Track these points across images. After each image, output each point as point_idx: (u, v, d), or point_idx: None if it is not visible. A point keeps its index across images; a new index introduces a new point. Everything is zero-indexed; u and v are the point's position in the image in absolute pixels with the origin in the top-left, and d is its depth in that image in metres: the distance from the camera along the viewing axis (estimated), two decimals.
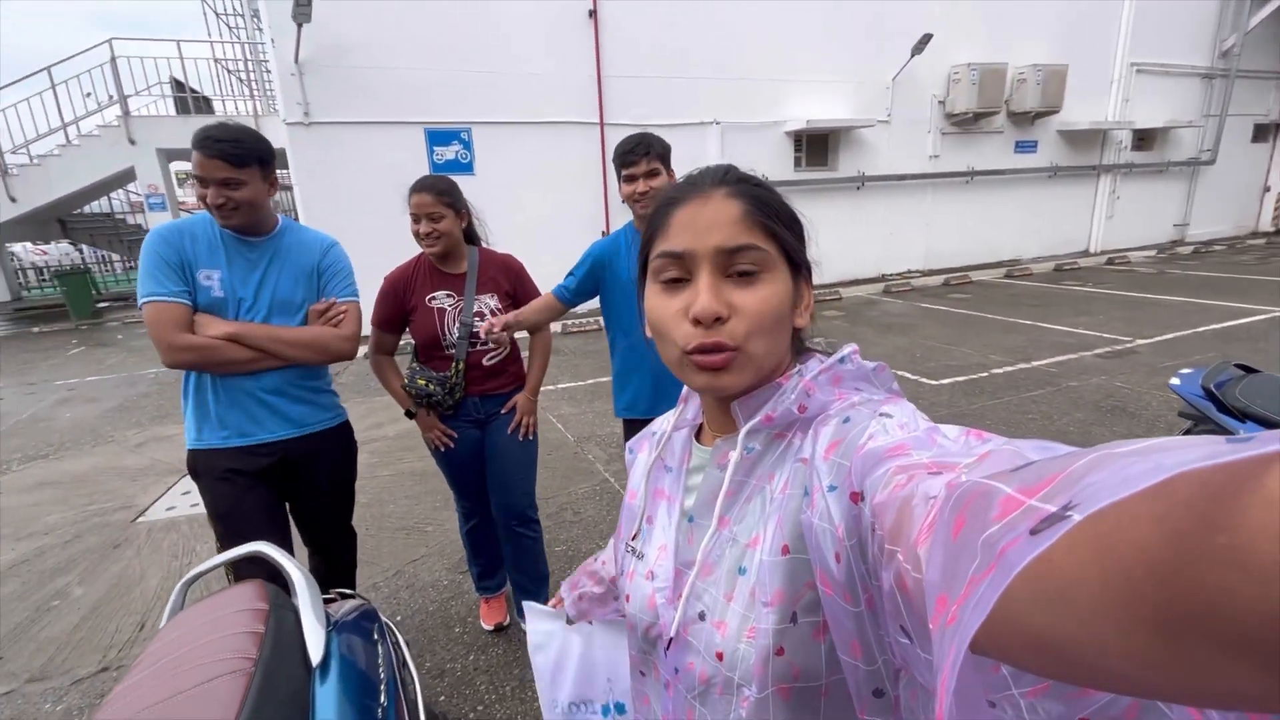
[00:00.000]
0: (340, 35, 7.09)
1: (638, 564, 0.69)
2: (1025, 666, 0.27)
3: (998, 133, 10.80)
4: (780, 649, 0.52)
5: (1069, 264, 11.13)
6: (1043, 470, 0.28)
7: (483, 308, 2.01)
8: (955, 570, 0.29)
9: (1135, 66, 11.43)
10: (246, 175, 1.58)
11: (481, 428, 2.11)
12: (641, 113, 8.35)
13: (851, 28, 9.36)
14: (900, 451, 0.43)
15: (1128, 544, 0.21)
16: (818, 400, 0.56)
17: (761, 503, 0.57)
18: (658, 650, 0.64)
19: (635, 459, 0.78)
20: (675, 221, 0.58)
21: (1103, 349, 5.73)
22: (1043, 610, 0.24)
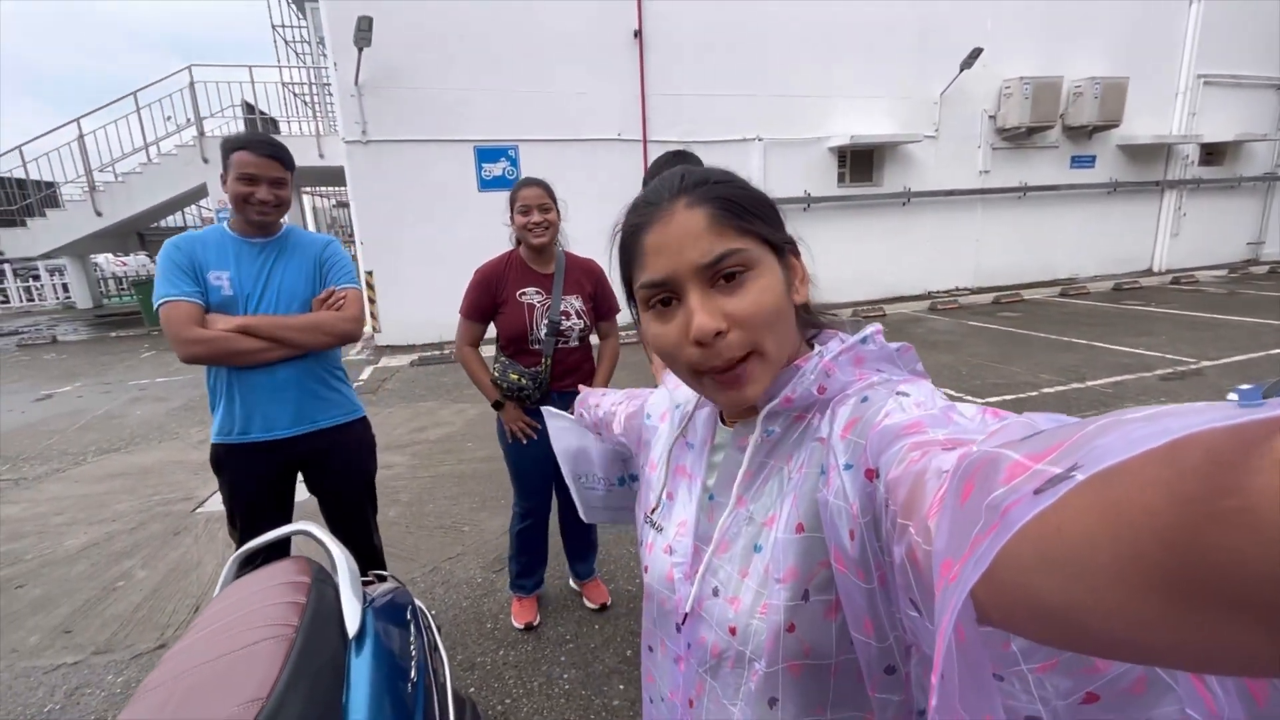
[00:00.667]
0: (396, 58, 7.45)
1: (657, 537, 0.70)
2: (1032, 634, 0.27)
3: (1053, 147, 10.47)
4: (791, 625, 0.53)
5: (1130, 283, 10.64)
6: (1051, 437, 0.28)
7: (569, 307, 2.10)
8: (960, 534, 0.29)
9: (1202, 78, 10.93)
10: (289, 178, 1.73)
11: None
12: (684, 129, 8.46)
13: (898, 44, 9.28)
14: (916, 429, 0.43)
15: (1136, 509, 0.21)
16: (838, 380, 0.56)
17: (779, 482, 0.57)
18: (670, 624, 0.66)
19: (656, 428, 0.79)
20: (647, 247, 0.57)
21: (1165, 370, 5.45)
22: (1050, 576, 0.24)
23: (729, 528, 0.60)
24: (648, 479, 0.76)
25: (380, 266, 7.90)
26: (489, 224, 7.91)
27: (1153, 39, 10.54)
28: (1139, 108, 10.44)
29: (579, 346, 2.15)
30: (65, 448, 4.75)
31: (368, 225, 7.81)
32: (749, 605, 0.56)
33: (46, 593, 2.74)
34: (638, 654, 2.19)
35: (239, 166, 1.66)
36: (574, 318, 2.10)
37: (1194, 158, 11.38)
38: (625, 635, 2.30)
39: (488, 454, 4.10)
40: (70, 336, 10.32)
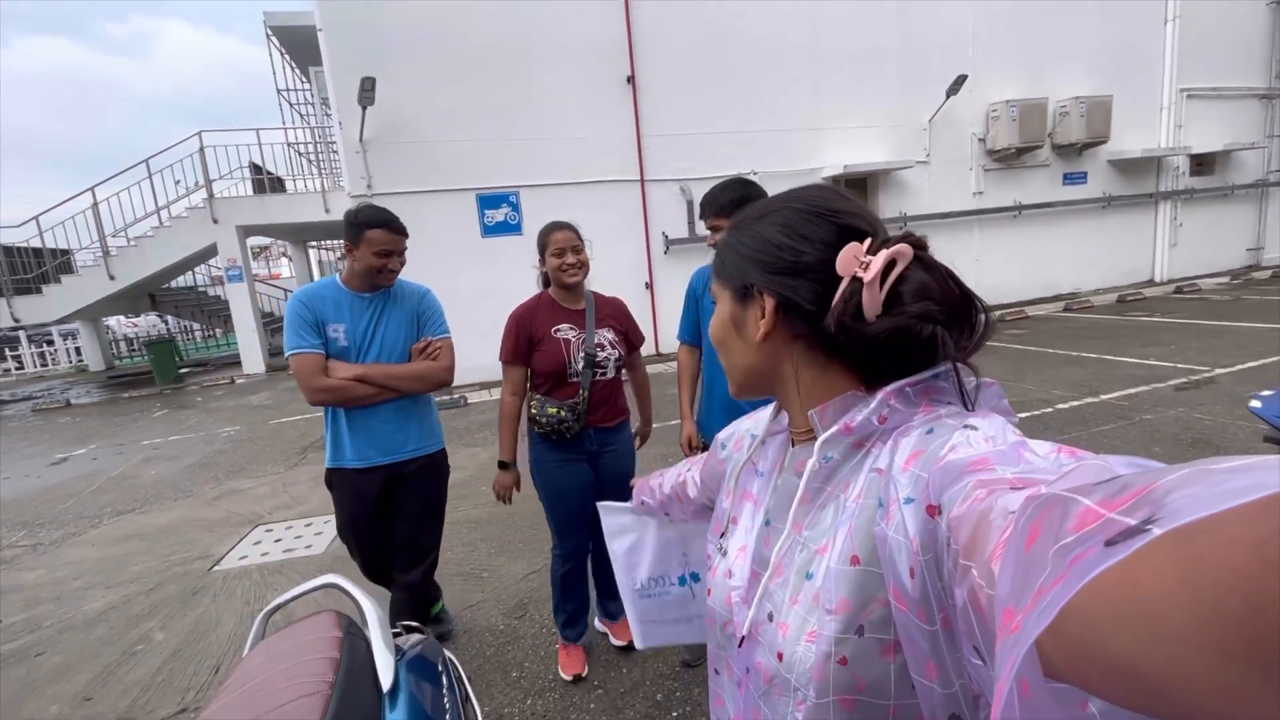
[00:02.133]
0: (398, 113, 7.70)
1: (720, 561, 0.71)
2: (1105, 695, 0.25)
3: (1044, 166, 10.63)
4: (844, 659, 0.51)
5: (1133, 294, 10.65)
6: (1128, 484, 0.26)
7: (603, 340, 2.17)
8: (1025, 582, 0.28)
9: (1185, 92, 11.14)
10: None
11: (593, 461, 2.21)
12: (681, 168, 8.64)
13: (884, 74, 9.53)
14: (983, 466, 0.41)
15: (1222, 568, 0.20)
16: (899, 412, 0.54)
17: (835, 510, 0.57)
18: (732, 648, 0.66)
19: (730, 456, 0.81)
20: None
21: (1178, 380, 5.41)
22: (1124, 634, 0.23)
23: (785, 553, 0.60)
24: (720, 507, 0.77)
25: None
26: (492, 268, 8.10)
27: (1133, 57, 10.79)
28: (1126, 123, 10.62)
29: (612, 379, 2.21)
30: (81, 511, 4.75)
31: None
32: (795, 631, 0.56)
33: (66, 659, 2.70)
34: (668, 699, 2.14)
35: (376, 243, 2.05)
36: (609, 349, 2.17)
37: (1185, 169, 11.51)
38: (654, 679, 2.25)
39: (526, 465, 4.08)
40: (84, 399, 10.42)
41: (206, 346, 16.19)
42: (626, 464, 2.27)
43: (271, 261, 26.16)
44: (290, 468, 5.37)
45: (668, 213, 8.79)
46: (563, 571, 2.28)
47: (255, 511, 4.35)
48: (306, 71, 13.80)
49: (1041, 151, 10.45)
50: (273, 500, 4.55)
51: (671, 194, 8.74)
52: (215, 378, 11.00)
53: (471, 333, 5.98)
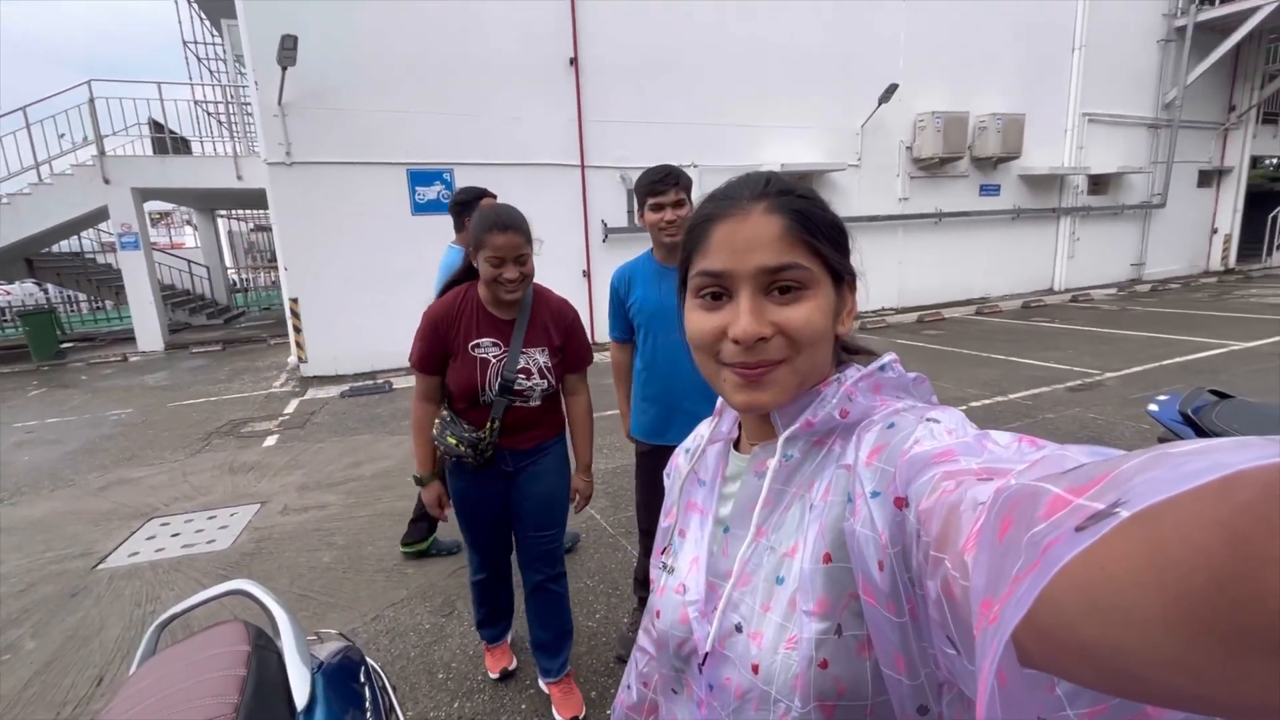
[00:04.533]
0: (323, 77, 7.20)
1: (668, 579, 0.67)
2: (1078, 679, 0.26)
3: (963, 176, 11.26)
4: (824, 661, 0.50)
5: (1036, 301, 11.50)
6: (1093, 470, 0.27)
7: (529, 363, 1.82)
8: (1000, 572, 0.28)
9: (1087, 116, 12.09)
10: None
11: (509, 480, 1.95)
12: (621, 155, 8.56)
13: (822, 77, 9.78)
14: (948, 457, 0.42)
15: (1186, 547, 0.20)
16: (859, 405, 0.55)
17: (800, 510, 0.56)
18: (691, 667, 0.62)
19: (671, 481, 0.76)
20: (714, 239, 0.57)
21: (1074, 382, 5.88)
22: (1094, 619, 0.23)
23: (749, 559, 0.58)
24: (664, 527, 0.74)
25: (306, 293, 7.51)
26: (423, 248, 7.73)
27: (1044, 80, 11.59)
28: (1036, 141, 11.40)
29: (536, 406, 1.88)
30: None
31: (292, 250, 7.42)
32: (772, 639, 0.53)
33: None
34: (602, 696, 2.10)
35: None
36: (535, 376, 1.81)
37: (1083, 187, 12.51)
38: (588, 675, 2.21)
39: None
40: None
41: (94, 319, 14.66)
42: (552, 483, 1.96)
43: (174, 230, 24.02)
44: (192, 454, 4.94)
45: (608, 200, 8.69)
46: (477, 579, 2.13)
47: (149, 503, 3.97)
48: (218, 24, 12.65)
49: (962, 163, 11.06)
50: (170, 490, 4.17)
51: (612, 181, 8.65)
52: (104, 354, 9.98)
53: (399, 314, 5.69)
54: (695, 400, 2.02)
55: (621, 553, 3.08)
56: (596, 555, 3.07)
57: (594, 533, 3.29)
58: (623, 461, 4.18)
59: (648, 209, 2.00)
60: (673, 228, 1.99)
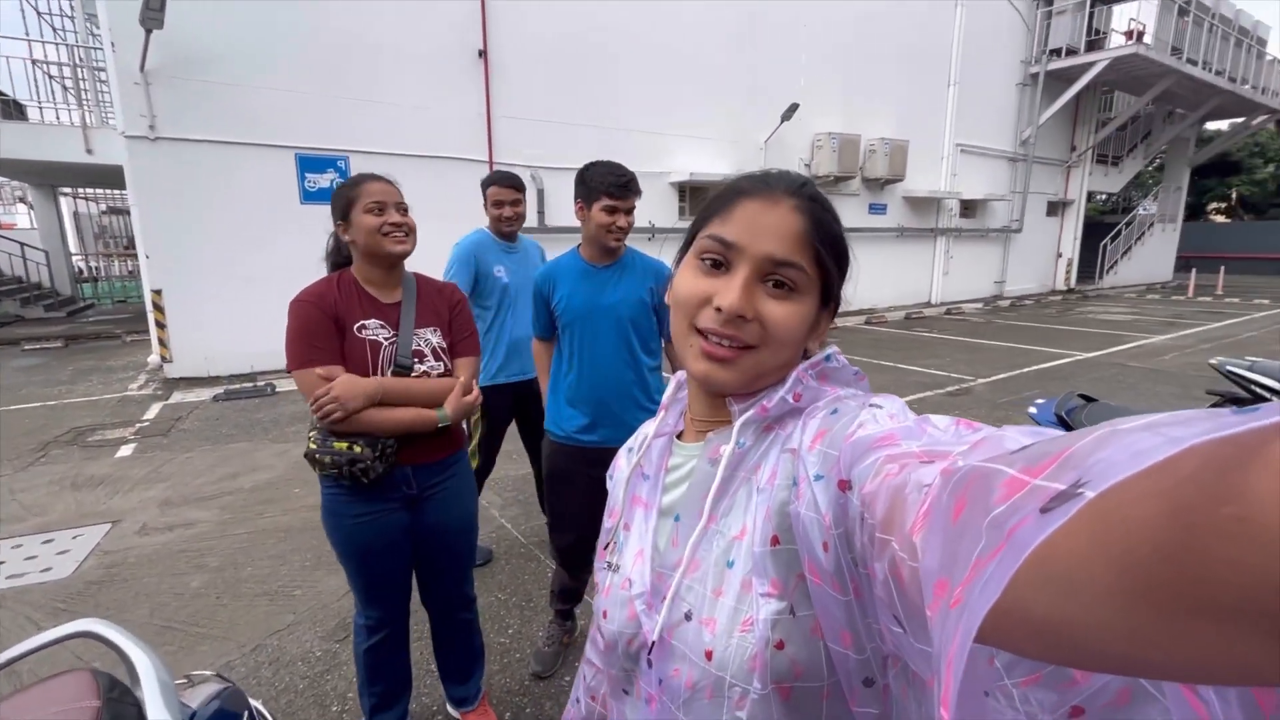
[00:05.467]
0: (199, 45, 6.47)
1: (613, 577, 0.66)
2: (1026, 652, 0.26)
3: (855, 195, 12.05)
4: (780, 643, 0.51)
5: (917, 313, 12.52)
6: (1045, 450, 0.27)
7: (423, 344, 1.61)
8: (956, 553, 0.28)
9: (959, 146, 13.37)
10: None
11: (412, 506, 1.65)
12: (531, 154, 8.38)
13: (729, 92, 10.12)
14: (889, 441, 0.43)
15: (1132, 521, 0.21)
16: (811, 389, 0.58)
17: (747, 494, 0.57)
18: (640, 664, 0.61)
19: (613, 484, 0.75)
20: (738, 212, 0.58)
21: (952, 387, 6.43)
22: (1045, 592, 0.23)
23: (699, 545, 0.58)
24: (605, 528, 0.73)
25: (172, 285, 6.70)
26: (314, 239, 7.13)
27: (924, 110, 12.68)
28: (918, 166, 12.43)
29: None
30: None
31: (155, 237, 6.60)
32: (727, 624, 0.53)
33: None
34: (517, 716, 1.99)
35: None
36: (429, 359, 1.60)
37: (956, 210, 13.81)
38: (500, 695, 2.09)
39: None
40: None
41: None
42: (463, 506, 1.74)
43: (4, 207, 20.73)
44: (22, 468, 4.24)
45: None
46: (369, 644, 1.70)
47: None
48: None
49: (854, 182, 11.84)
50: None
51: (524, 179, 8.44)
52: None
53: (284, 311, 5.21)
54: (623, 404, 1.97)
55: (535, 563, 2.96)
56: (508, 567, 2.93)
57: (505, 543, 3.15)
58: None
59: (599, 208, 1.92)
60: (620, 233, 1.95)
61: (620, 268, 2.04)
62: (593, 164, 1.98)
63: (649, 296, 2.06)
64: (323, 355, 1.49)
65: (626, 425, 2.00)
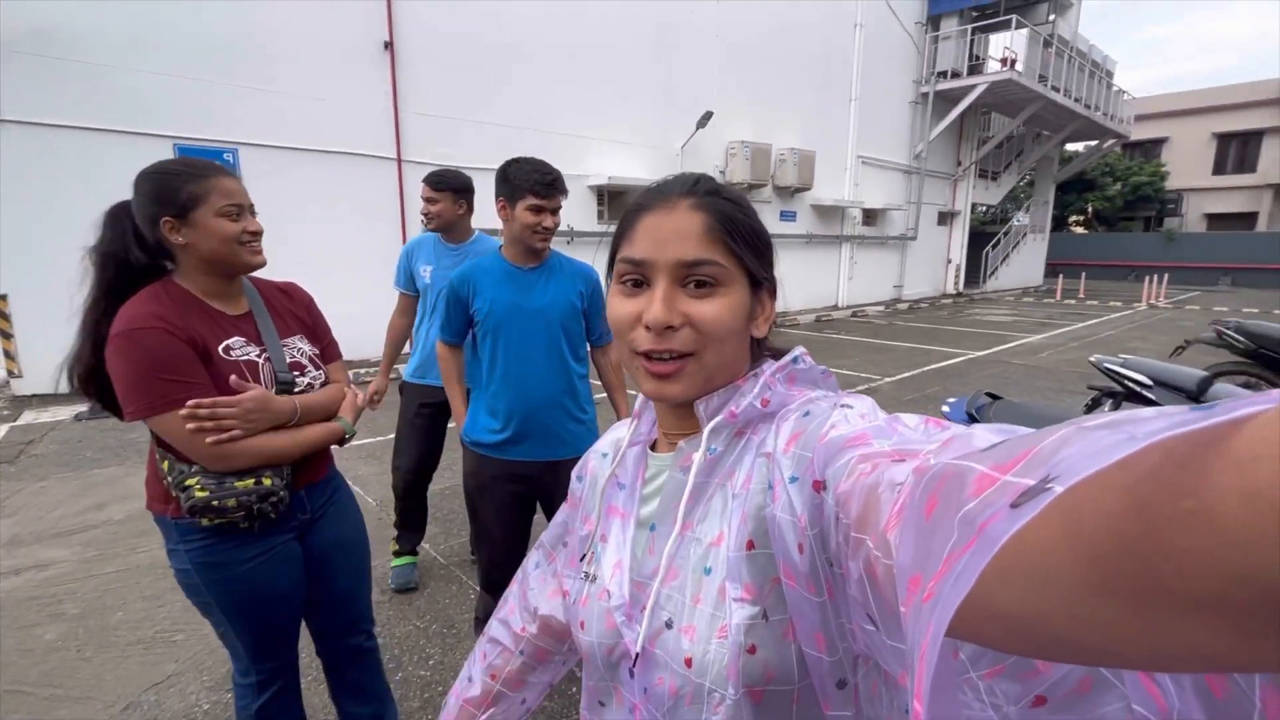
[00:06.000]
0: (59, 18, 5.71)
1: (590, 587, 0.66)
2: (996, 644, 0.27)
3: (767, 202, 12.48)
4: (752, 647, 0.51)
5: (825, 315, 13.13)
6: (1014, 448, 0.27)
7: (299, 356, 1.42)
8: (929, 549, 0.28)
9: (861, 158, 14.17)
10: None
11: (303, 534, 1.46)
12: (444, 153, 8.04)
13: (646, 97, 10.20)
14: (862, 440, 0.43)
15: (1097, 515, 0.21)
16: (778, 394, 0.58)
17: (723, 500, 0.57)
18: (621, 673, 0.61)
19: (584, 480, 0.75)
20: (640, 228, 0.59)
21: (861, 387, 6.75)
22: (1011, 585, 0.24)
23: (675, 554, 0.58)
24: (578, 534, 0.72)
25: (22, 289, 5.87)
26: None
27: (829, 123, 13.35)
28: (824, 176, 13.05)
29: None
30: None
31: (1, 234, 5.76)
32: (705, 631, 0.54)
33: None
34: None
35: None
36: (310, 370, 1.42)
37: (859, 219, 14.62)
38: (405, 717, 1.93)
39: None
40: None
41: None
42: (354, 517, 1.59)
43: None
44: None
45: None
46: (260, 703, 1.45)
47: None
48: None
49: (766, 190, 12.26)
50: None
51: None
52: None
53: None
54: (552, 414, 1.88)
55: (457, 585, 2.79)
56: (427, 591, 2.75)
57: (423, 564, 2.95)
58: (452, 482, 3.84)
59: (524, 207, 1.82)
60: (547, 234, 1.86)
61: (547, 270, 1.95)
62: (516, 161, 1.88)
63: (579, 300, 1.98)
64: (192, 389, 1.22)
65: (556, 437, 1.91)
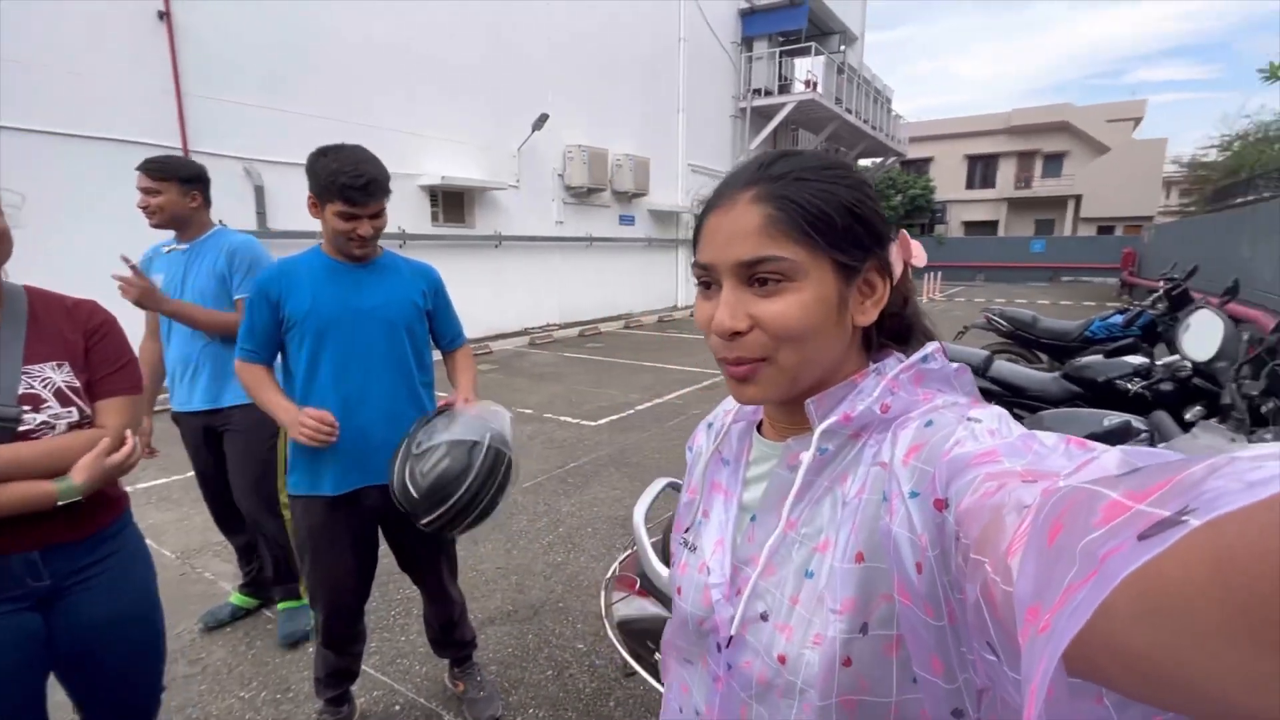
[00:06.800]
0: None
1: (690, 557, 0.66)
2: (1123, 689, 0.25)
3: (606, 206, 12.68)
4: (848, 659, 0.50)
5: (667, 316, 13.67)
6: (1154, 475, 0.25)
7: (41, 388, 1.13)
8: (1050, 579, 0.27)
9: (690, 166, 14.98)
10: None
11: (46, 605, 1.17)
12: (245, 145, 7.06)
13: (477, 95, 9.81)
14: (990, 458, 0.41)
15: (1254, 555, 0.19)
16: (901, 399, 0.54)
17: (833, 505, 0.54)
18: (709, 645, 0.62)
19: (694, 456, 0.75)
20: (706, 229, 0.58)
21: (707, 382, 7.11)
22: (1148, 627, 0.22)
23: (777, 550, 0.57)
24: (686, 502, 0.73)
25: None
26: None
27: (660, 131, 13.91)
28: (658, 182, 13.57)
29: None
30: None
31: None
32: (801, 635, 0.53)
33: None
34: None
35: None
36: (52, 405, 1.13)
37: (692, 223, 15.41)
38: None
39: None
40: None
41: None
42: (135, 586, 1.29)
43: None
44: None
45: (228, 196, 6.99)
46: None
47: None
48: None
49: (605, 194, 12.45)
50: None
51: (234, 175, 7.03)
52: None
53: None
54: (393, 427, 1.66)
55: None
56: (250, 651, 2.35)
57: (239, 624, 2.52)
58: None
59: (334, 212, 1.58)
60: (364, 242, 1.63)
61: (379, 267, 1.74)
62: (324, 152, 1.60)
63: (421, 300, 1.79)
64: None
65: None
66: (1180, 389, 2.81)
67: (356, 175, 1.55)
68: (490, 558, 3.09)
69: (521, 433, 5.06)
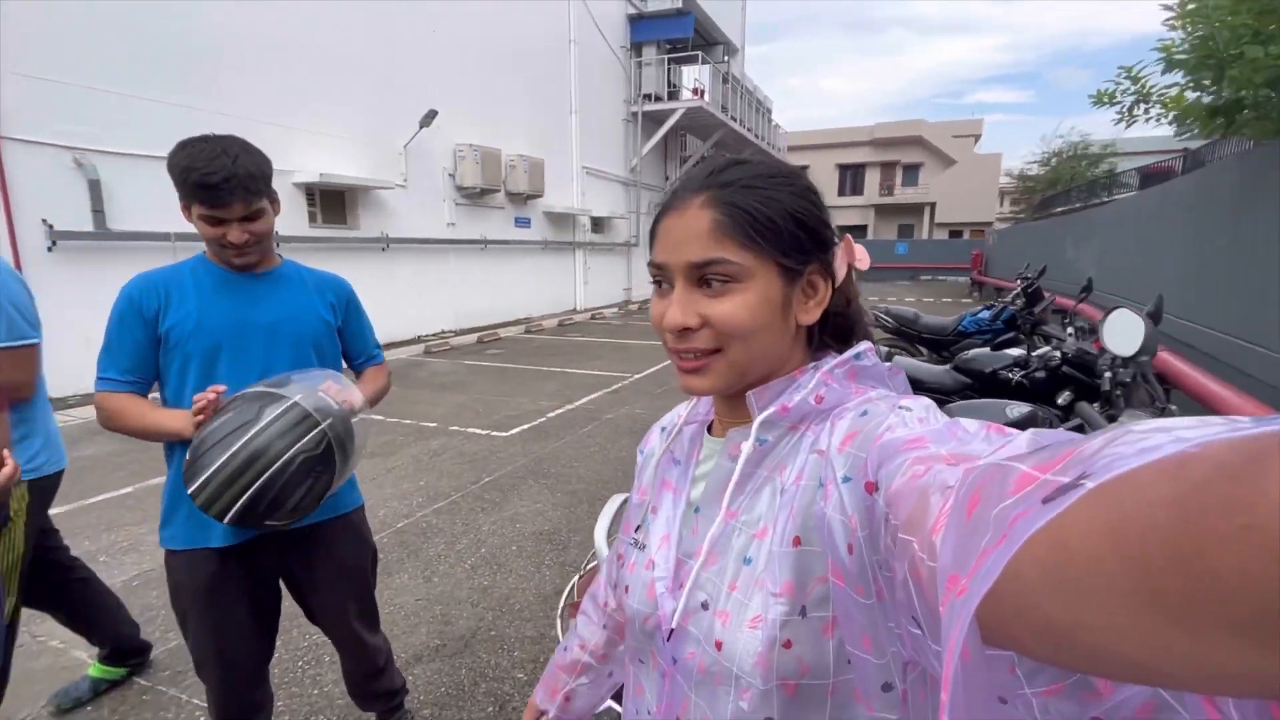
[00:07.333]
0: None
1: (638, 555, 0.68)
2: (1036, 654, 0.27)
3: (500, 208, 12.30)
4: (788, 642, 0.52)
5: (567, 319, 13.49)
6: (1060, 448, 0.27)
7: None
8: (968, 548, 0.28)
9: (585, 169, 14.91)
10: None
11: None
12: (75, 132, 6.05)
13: (358, 89, 9.14)
14: (919, 444, 0.43)
15: (1145, 527, 0.20)
16: (834, 392, 0.57)
17: (772, 493, 0.56)
18: (656, 640, 0.63)
19: (645, 458, 0.77)
20: (660, 230, 0.60)
21: (616, 385, 7.07)
22: (1054, 594, 0.23)
23: (718, 539, 0.59)
24: (634, 503, 0.74)
25: None
26: None
27: (554, 132, 13.72)
28: (554, 184, 13.36)
29: None
30: None
31: None
32: (736, 619, 0.54)
33: None
34: None
35: None
36: None
37: (589, 226, 15.38)
38: None
39: None
40: None
41: None
42: None
43: None
44: None
45: (53, 191, 5.97)
46: None
47: None
48: None
49: (499, 195, 12.07)
50: None
51: (61, 165, 6.00)
52: None
53: None
54: None
55: (175, 710, 2.07)
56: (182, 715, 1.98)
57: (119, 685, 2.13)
58: (151, 566, 2.88)
59: (198, 216, 1.36)
60: (242, 249, 1.40)
61: (279, 277, 1.53)
62: (183, 144, 1.36)
63: (330, 314, 1.60)
64: None
65: None
66: (1051, 377, 3.16)
67: (209, 172, 1.30)
68: (408, 588, 2.84)
69: (428, 448, 4.74)
